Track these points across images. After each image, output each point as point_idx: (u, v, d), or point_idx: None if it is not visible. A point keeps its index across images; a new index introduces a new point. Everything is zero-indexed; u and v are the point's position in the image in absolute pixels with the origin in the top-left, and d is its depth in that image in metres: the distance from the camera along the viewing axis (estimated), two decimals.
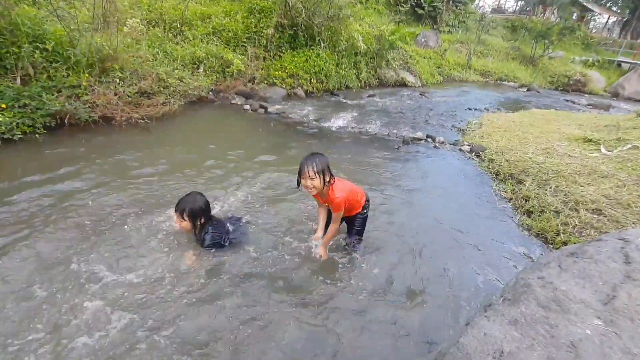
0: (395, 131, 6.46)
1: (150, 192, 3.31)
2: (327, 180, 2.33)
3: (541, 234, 3.45)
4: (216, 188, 3.56)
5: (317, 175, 2.26)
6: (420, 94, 10.30)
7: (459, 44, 16.52)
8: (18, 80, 4.23)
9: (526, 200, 3.99)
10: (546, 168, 4.56)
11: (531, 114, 8.49)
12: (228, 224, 2.65)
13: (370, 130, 6.34)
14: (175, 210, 2.33)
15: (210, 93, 6.75)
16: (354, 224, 2.79)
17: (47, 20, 4.83)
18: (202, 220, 2.39)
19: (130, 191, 3.29)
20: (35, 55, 4.33)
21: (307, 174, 2.26)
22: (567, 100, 13.12)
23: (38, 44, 4.43)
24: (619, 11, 31.62)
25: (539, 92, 14.46)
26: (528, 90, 14.50)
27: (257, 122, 6.21)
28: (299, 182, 2.37)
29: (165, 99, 5.58)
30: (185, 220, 2.31)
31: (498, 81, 15.43)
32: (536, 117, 7.97)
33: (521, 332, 1.41)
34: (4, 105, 3.92)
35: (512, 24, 22.30)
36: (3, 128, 3.80)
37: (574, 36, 20.58)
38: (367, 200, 2.75)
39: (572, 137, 5.96)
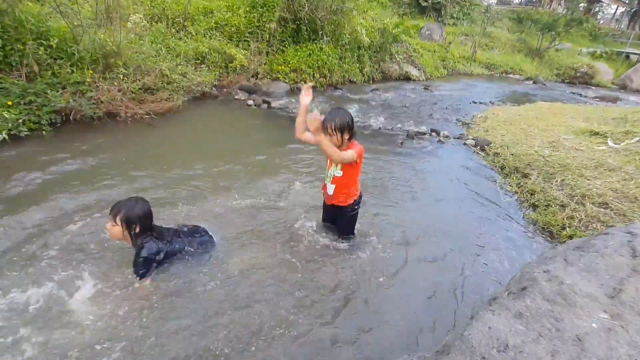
0: (399, 125, 6.42)
1: (154, 188, 3.34)
2: (347, 137, 2.32)
3: (546, 228, 3.43)
4: (218, 184, 3.57)
5: (335, 132, 2.27)
6: (425, 88, 10.22)
7: (463, 36, 16.31)
8: (23, 77, 4.25)
9: (531, 194, 3.97)
10: (552, 161, 4.52)
11: (537, 107, 8.40)
12: (177, 238, 2.36)
13: (373, 125, 6.31)
14: (109, 212, 2.07)
15: (214, 88, 6.74)
16: (341, 219, 2.70)
17: (50, 17, 4.83)
18: (138, 229, 2.11)
19: (135, 187, 3.31)
20: (40, 52, 4.34)
21: (326, 130, 2.28)
22: (574, 93, 12.95)
23: (42, 41, 4.43)
24: (627, 1, 31.00)
25: (545, 84, 14.28)
26: (534, 83, 14.32)
27: (261, 117, 6.20)
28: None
29: (169, 94, 5.58)
30: (116, 225, 2.05)
31: (503, 74, 15.25)
32: (542, 110, 7.89)
33: (526, 325, 1.41)
34: (9, 103, 3.95)
35: (517, 15, 21.94)
36: (9, 125, 3.83)
37: (582, 28, 20.22)
38: (360, 197, 2.65)
39: (579, 130, 5.90)
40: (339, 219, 2.74)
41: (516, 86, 13.01)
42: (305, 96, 2.29)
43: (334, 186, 2.51)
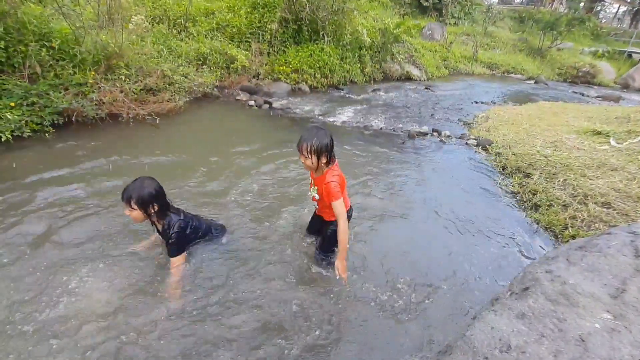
0: (400, 125, 6.42)
1: None
2: (324, 162, 2.09)
3: (549, 228, 3.42)
4: (220, 184, 3.58)
5: (310, 155, 2.05)
6: (426, 88, 10.21)
7: (465, 36, 16.31)
8: (26, 79, 4.27)
9: (534, 194, 3.95)
10: (554, 161, 4.51)
11: (539, 106, 8.38)
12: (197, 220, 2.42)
13: (375, 125, 6.31)
14: (122, 199, 2.04)
15: (215, 89, 6.75)
16: (326, 232, 2.43)
17: (52, 18, 4.85)
18: (156, 207, 2.10)
19: None
20: (42, 54, 4.36)
21: (301, 151, 2.08)
22: (576, 93, 12.91)
23: (44, 42, 4.45)
24: (629, 0, 30.87)
25: (546, 84, 14.24)
26: (536, 82, 14.29)
27: (262, 117, 6.21)
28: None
29: (171, 95, 5.60)
30: (134, 209, 2.04)
31: (505, 74, 15.22)
32: (544, 109, 7.87)
33: (529, 326, 1.41)
34: (12, 104, 3.97)
35: (519, 15, 21.93)
36: (12, 126, 3.85)
37: (584, 27, 20.18)
38: (350, 209, 2.42)
39: (581, 130, 5.88)
40: (323, 231, 2.49)
41: (518, 86, 12.98)
42: None
43: (316, 203, 2.38)
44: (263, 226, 2.95)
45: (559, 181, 4.07)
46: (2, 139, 3.75)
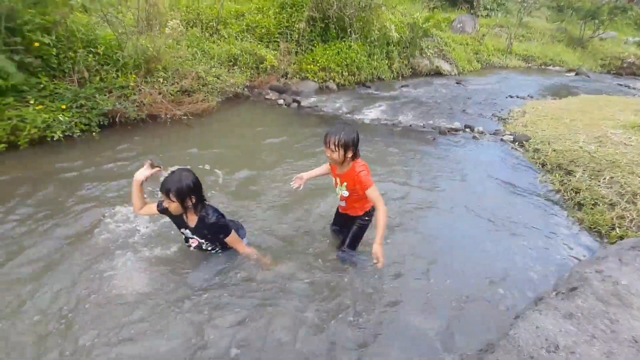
0: (430, 122, 6.29)
1: None
2: (350, 156, 2.18)
3: (594, 228, 3.25)
4: (250, 181, 3.67)
5: (337, 149, 2.13)
6: (457, 83, 9.91)
7: (498, 28, 15.62)
8: (75, 83, 4.58)
9: (576, 192, 3.77)
10: (599, 158, 4.27)
11: (580, 100, 7.92)
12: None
13: (404, 122, 6.22)
14: (161, 191, 2.11)
15: (245, 89, 6.91)
16: (353, 228, 2.51)
17: (97, 26, 5.17)
18: (194, 199, 2.16)
19: None
20: (89, 59, 4.67)
21: (328, 146, 2.16)
22: (621, 85, 12.05)
23: (91, 49, 4.77)
24: None
25: (588, 76, 13.39)
26: (576, 74, 13.46)
27: (291, 116, 6.29)
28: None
29: (204, 96, 5.80)
30: (173, 202, 2.11)
31: (542, 66, 14.44)
32: (586, 103, 7.42)
33: (577, 326, 1.36)
34: (63, 106, 4.28)
35: (557, 4, 20.66)
36: (64, 127, 4.16)
37: (626, 16, 18.76)
38: (373, 209, 2.41)
39: (628, 124, 5.50)
40: (349, 226, 2.55)
41: (557, 78, 12.30)
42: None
43: (344, 202, 2.44)
44: (291, 223, 3.01)
45: (604, 179, 3.85)
46: (55, 138, 4.06)
